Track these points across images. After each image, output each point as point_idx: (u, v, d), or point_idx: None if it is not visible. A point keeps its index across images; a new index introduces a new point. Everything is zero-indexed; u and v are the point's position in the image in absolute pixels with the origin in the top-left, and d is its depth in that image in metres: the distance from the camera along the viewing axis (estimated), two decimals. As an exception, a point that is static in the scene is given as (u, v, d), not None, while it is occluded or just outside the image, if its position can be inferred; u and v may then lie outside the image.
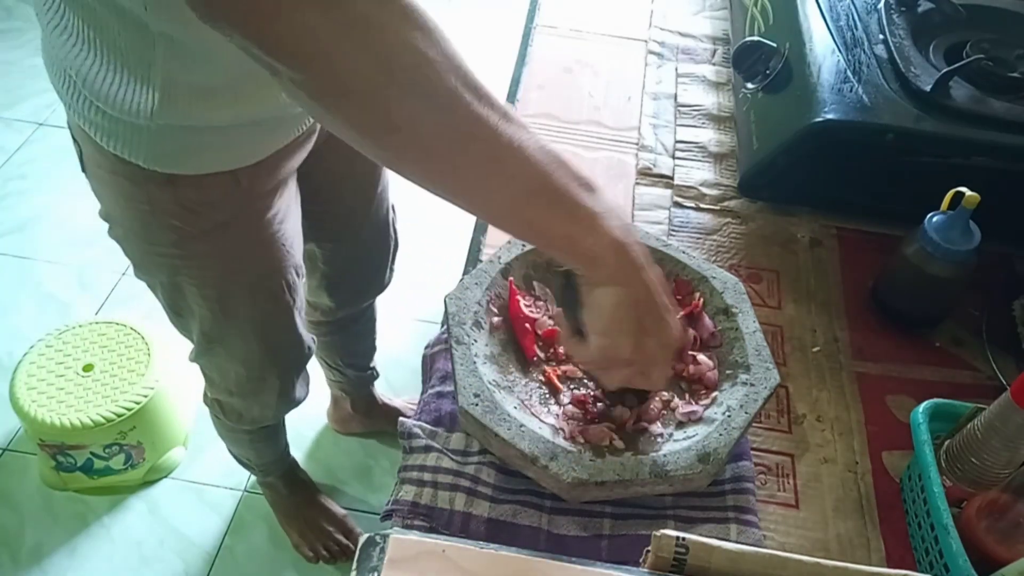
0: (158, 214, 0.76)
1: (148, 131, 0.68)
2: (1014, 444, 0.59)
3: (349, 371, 1.43)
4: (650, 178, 0.95)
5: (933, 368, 0.78)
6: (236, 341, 0.94)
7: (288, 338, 0.98)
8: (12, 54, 2.43)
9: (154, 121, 0.67)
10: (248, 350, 0.95)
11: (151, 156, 0.71)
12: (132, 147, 0.70)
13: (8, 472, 1.54)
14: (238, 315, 0.90)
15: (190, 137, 0.70)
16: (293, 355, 1.02)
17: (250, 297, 0.89)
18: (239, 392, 1.04)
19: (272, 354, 0.98)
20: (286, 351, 1.00)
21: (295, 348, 1.01)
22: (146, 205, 0.76)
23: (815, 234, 0.90)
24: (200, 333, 0.93)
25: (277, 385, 1.03)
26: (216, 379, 1.04)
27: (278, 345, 0.98)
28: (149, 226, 0.78)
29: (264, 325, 0.93)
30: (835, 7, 0.94)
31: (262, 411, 1.09)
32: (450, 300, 0.69)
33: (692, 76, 1.10)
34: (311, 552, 1.43)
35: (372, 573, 0.44)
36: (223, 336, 0.93)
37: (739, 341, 0.68)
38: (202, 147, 0.72)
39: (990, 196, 0.71)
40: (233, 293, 0.87)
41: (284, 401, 1.07)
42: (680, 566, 0.46)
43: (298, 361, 1.05)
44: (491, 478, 0.65)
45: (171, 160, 0.72)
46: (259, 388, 1.03)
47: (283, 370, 1.02)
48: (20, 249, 1.91)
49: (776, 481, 0.69)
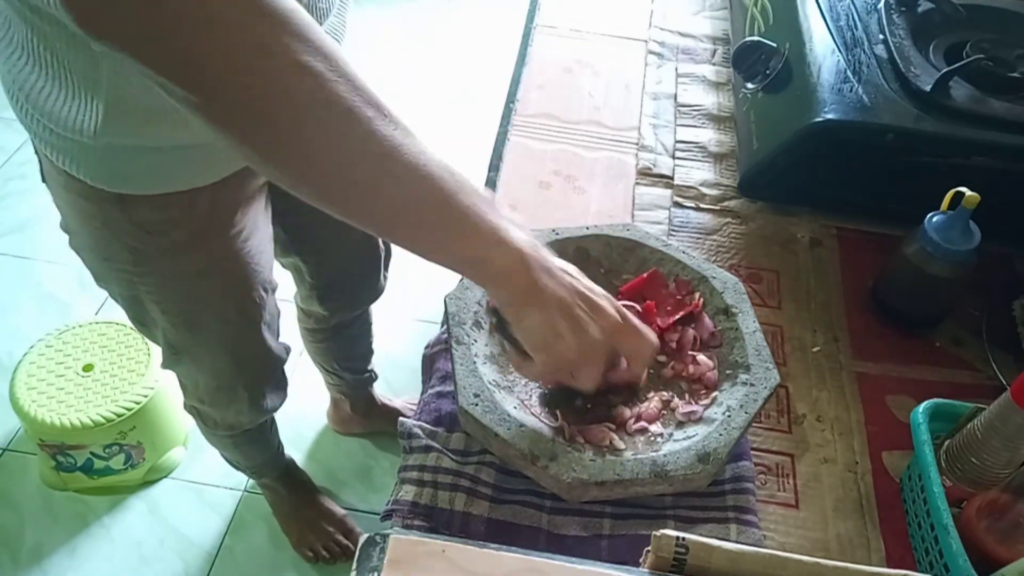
0: (113, 232, 0.75)
1: (93, 150, 0.66)
2: (1014, 444, 0.59)
3: (347, 375, 1.43)
4: (650, 178, 0.95)
5: (933, 368, 0.78)
6: (202, 353, 0.93)
7: (256, 351, 0.97)
8: (12, 54, 2.43)
9: (98, 140, 0.64)
10: (215, 363, 0.95)
11: (97, 175, 0.69)
12: (78, 165, 0.68)
13: (8, 472, 1.54)
14: (203, 330, 0.89)
15: (137, 157, 0.68)
16: (262, 367, 1.01)
17: (214, 314, 0.87)
18: (210, 401, 1.04)
19: (240, 366, 0.97)
20: (254, 363, 0.99)
21: (264, 360, 1.00)
22: (99, 222, 0.74)
23: (815, 234, 0.90)
24: (166, 344, 0.92)
25: (247, 396, 1.02)
26: (189, 387, 1.04)
27: (245, 358, 0.97)
28: (105, 243, 0.77)
29: (230, 340, 0.92)
30: (835, 7, 0.94)
31: (236, 418, 1.08)
32: (450, 300, 0.69)
33: (692, 76, 1.10)
34: (311, 552, 1.43)
35: (372, 573, 0.44)
36: (188, 348, 0.92)
37: (739, 341, 0.68)
38: (152, 167, 0.70)
39: (990, 196, 0.71)
40: (196, 311, 0.86)
41: (256, 409, 1.06)
42: (680, 566, 0.46)
43: (269, 372, 1.04)
44: (491, 478, 0.65)
45: (118, 179, 0.70)
46: (230, 398, 1.02)
47: (252, 381, 1.01)
48: (20, 249, 1.91)
49: (776, 481, 0.69)
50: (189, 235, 0.77)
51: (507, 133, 1.00)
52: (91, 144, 0.65)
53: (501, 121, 1.02)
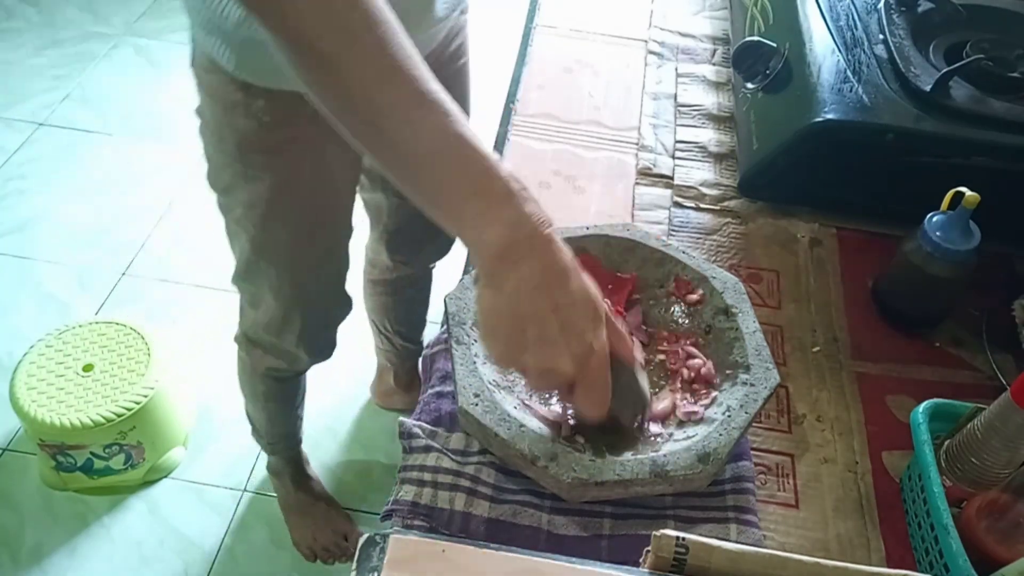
0: (231, 116, 0.83)
1: (233, 38, 0.76)
2: (1014, 444, 0.59)
3: (396, 339, 1.48)
4: (650, 178, 0.95)
5: (933, 368, 0.78)
6: (270, 269, 0.98)
7: (319, 283, 1.02)
8: (12, 54, 2.43)
9: (239, 30, 0.74)
10: (280, 281, 0.99)
11: (233, 61, 0.78)
12: (219, 50, 0.78)
13: (8, 472, 1.54)
14: (276, 242, 0.94)
15: (266, 52, 0.72)
16: (322, 303, 1.06)
17: (290, 227, 0.93)
18: (266, 326, 1.07)
19: (300, 293, 1.01)
20: (315, 295, 1.04)
21: (325, 296, 1.05)
22: (222, 106, 0.83)
23: (815, 234, 0.90)
24: (243, 250, 0.98)
25: (298, 327, 1.05)
26: (248, 308, 1.08)
27: (307, 286, 1.01)
28: (221, 126, 0.85)
29: (298, 261, 0.97)
30: (835, 7, 0.94)
31: (286, 350, 1.10)
32: (450, 300, 0.69)
33: (692, 76, 1.10)
34: (308, 551, 1.44)
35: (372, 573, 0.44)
36: (259, 261, 0.97)
37: (739, 341, 0.68)
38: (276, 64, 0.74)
39: (990, 196, 0.71)
40: (276, 216, 0.91)
41: (304, 348, 1.09)
42: (680, 566, 0.46)
43: (326, 311, 1.08)
44: (491, 478, 0.65)
45: (247, 69, 0.78)
46: (283, 325, 1.05)
47: (308, 314, 1.05)
48: (20, 249, 1.91)
49: (776, 481, 0.69)
50: (289, 136, 0.84)
51: (507, 133, 1.00)
52: (233, 32, 0.75)
53: (501, 121, 1.02)
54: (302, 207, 0.92)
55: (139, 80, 2.38)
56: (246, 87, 0.80)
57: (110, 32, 2.53)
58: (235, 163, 0.87)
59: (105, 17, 2.59)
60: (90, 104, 2.29)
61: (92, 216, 1.99)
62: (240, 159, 0.87)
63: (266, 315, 1.05)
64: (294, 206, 0.91)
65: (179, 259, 1.92)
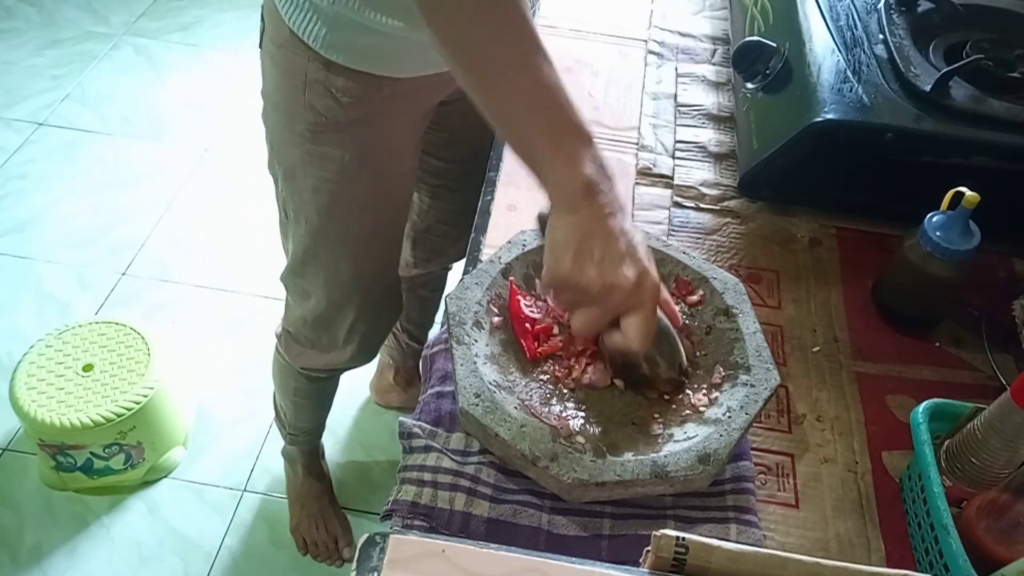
0: (307, 93, 0.84)
1: (325, 15, 0.78)
2: (1014, 444, 0.59)
3: (403, 336, 1.50)
4: (650, 178, 0.95)
5: (933, 368, 0.78)
6: (329, 257, 0.99)
7: (377, 271, 1.04)
8: (12, 54, 2.43)
9: (331, 7, 0.77)
10: (337, 270, 1.00)
11: (318, 37, 0.80)
12: (307, 25, 0.79)
13: (8, 472, 1.54)
14: (338, 228, 0.95)
15: (355, 31, 0.79)
16: (375, 294, 1.06)
17: (355, 210, 0.94)
18: (313, 320, 1.08)
19: (357, 281, 1.02)
20: (372, 284, 1.04)
21: (379, 287, 1.06)
22: (300, 81, 0.84)
23: (815, 234, 0.90)
24: (299, 242, 0.98)
25: (350, 319, 1.06)
26: (296, 304, 1.09)
27: (367, 274, 1.02)
28: (295, 104, 0.86)
29: (359, 247, 0.99)
30: (835, 7, 0.94)
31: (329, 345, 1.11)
32: (450, 300, 0.69)
33: (692, 76, 1.10)
34: (302, 541, 1.46)
35: (372, 573, 0.44)
36: (319, 249, 0.98)
37: (739, 342, 0.68)
38: (363, 43, 0.80)
39: (990, 196, 0.71)
40: (341, 199, 0.92)
41: (352, 343, 1.09)
42: (680, 566, 0.46)
43: (378, 304, 1.08)
44: (491, 478, 0.65)
45: (334, 47, 0.80)
46: (334, 318, 1.06)
47: (362, 303, 1.05)
48: (20, 249, 1.91)
49: (776, 481, 0.69)
50: (363, 115, 0.86)
51: (507, 133, 1.00)
52: (325, 9, 0.78)
53: (501, 121, 1.02)
54: (367, 191, 0.93)
55: (139, 80, 2.38)
56: (328, 65, 0.81)
57: (110, 32, 2.53)
58: (305, 143, 0.88)
59: (105, 17, 2.59)
60: (90, 104, 2.29)
61: (92, 216, 1.99)
62: (312, 139, 0.87)
63: (317, 308, 1.06)
64: (360, 190, 0.92)
65: (179, 259, 1.92)
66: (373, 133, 0.88)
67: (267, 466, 1.57)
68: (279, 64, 0.86)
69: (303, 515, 1.47)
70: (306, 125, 0.86)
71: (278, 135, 0.91)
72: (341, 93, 0.83)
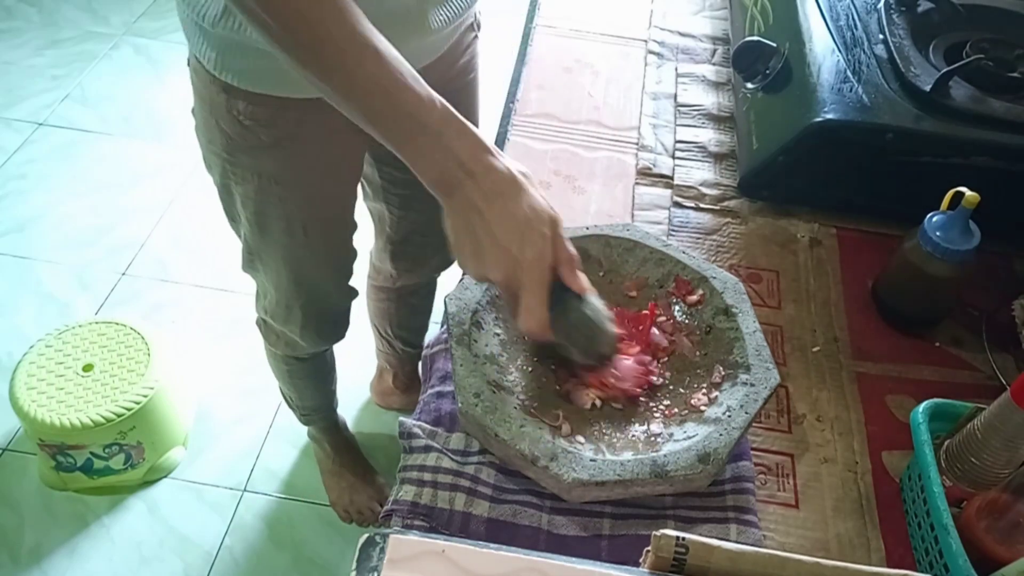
0: (215, 116, 0.83)
1: (212, 37, 0.76)
2: (1014, 444, 0.59)
3: (397, 343, 1.49)
4: (650, 178, 0.95)
5: (933, 368, 0.78)
6: (269, 262, 0.99)
7: (315, 276, 1.03)
8: (12, 54, 2.43)
9: (216, 29, 0.74)
10: (278, 275, 1.00)
11: (212, 60, 0.78)
12: (201, 48, 0.78)
13: (8, 472, 1.54)
14: (270, 237, 0.95)
15: (244, 53, 0.76)
16: (319, 295, 1.06)
17: (283, 224, 0.93)
18: (272, 314, 1.09)
19: (298, 285, 1.02)
20: (313, 290, 1.04)
21: (322, 289, 1.06)
22: (208, 106, 0.84)
23: (815, 234, 0.90)
24: (244, 244, 1.00)
25: (300, 317, 1.07)
26: (260, 294, 1.10)
27: (305, 280, 1.02)
28: (208, 125, 0.86)
29: (294, 257, 0.98)
30: (835, 7, 0.94)
31: (293, 337, 1.12)
32: (450, 300, 0.69)
33: (692, 76, 1.10)
34: (344, 512, 1.50)
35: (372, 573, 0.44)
36: (260, 252, 0.99)
37: (739, 341, 0.68)
38: (255, 65, 0.77)
39: (990, 196, 0.71)
40: (268, 214, 0.92)
41: (309, 334, 1.10)
42: (680, 566, 0.46)
43: (325, 303, 1.09)
44: (491, 478, 0.65)
45: (226, 69, 0.78)
46: (286, 316, 1.07)
47: (307, 305, 1.06)
48: (20, 249, 1.91)
49: (776, 481, 0.69)
50: (272, 139, 0.84)
51: (507, 133, 1.00)
52: (211, 31, 0.75)
53: (501, 121, 1.02)
54: (294, 206, 0.92)
55: (139, 80, 2.38)
56: (227, 88, 0.80)
57: (110, 32, 2.53)
58: (223, 162, 0.88)
59: (105, 17, 2.59)
60: (90, 104, 2.29)
61: (92, 216, 1.99)
62: (228, 160, 0.87)
63: (271, 304, 1.07)
64: (286, 205, 0.91)
65: (179, 259, 1.92)
66: (290, 155, 0.86)
67: (267, 466, 1.57)
68: (194, 85, 0.85)
69: (340, 487, 1.50)
70: (221, 146, 0.86)
71: (204, 150, 0.91)
72: (244, 116, 0.81)
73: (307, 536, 1.49)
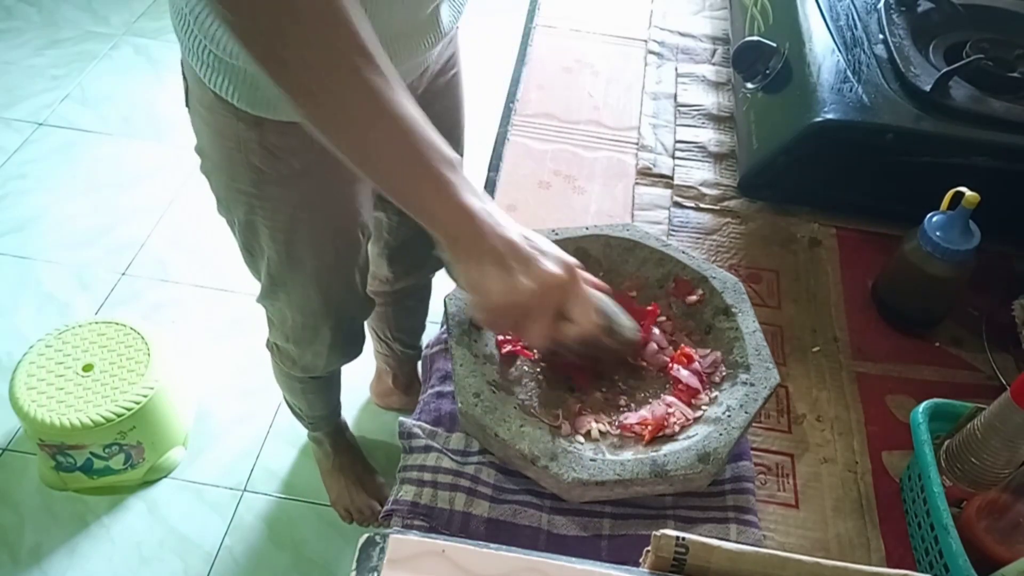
0: (243, 152, 0.82)
1: (244, 73, 0.75)
2: (1014, 444, 0.59)
3: (396, 345, 1.50)
4: (650, 178, 0.95)
5: (933, 368, 0.78)
6: (297, 288, 0.99)
7: (346, 293, 1.03)
8: (12, 54, 2.43)
9: (246, 63, 0.72)
10: (307, 298, 1.00)
11: (243, 97, 0.77)
12: (229, 86, 0.76)
13: (8, 472, 1.54)
14: (302, 262, 0.95)
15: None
16: (349, 310, 1.07)
17: (315, 246, 0.93)
18: (294, 339, 1.09)
19: (328, 306, 1.02)
20: (343, 305, 1.05)
21: (352, 304, 1.06)
22: (232, 143, 0.81)
23: (815, 234, 0.90)
24: (267, 275, 0.98)
25: (329, 337, 1.07)
26: (276, 323, 1.09)
27: (336, 298, 1.02)
28: (233, 163, 0.84)
29: (325, 276, 0.98)
30: (835, 7, 0.94)
31: (314, 360, 1.13)
32: (450, 300, 0.69)
33: (692, 76, 1.10)
34: (345, 512, 1.50)
35: (372, 573, 0.44)
36: (286, 281, 0.98)
37: (739, 341, 0.68)
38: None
39: (990, 196, 0.71)
40: (300, 239, 0.92)
41: (335, 354, 1.12)
42: (680, 566, 0.46)
43: (353, 317, 1.10)
44: (491, 478, 0.65)
45: (260, 104, 0.77)
46: (312, 337, 1.07)
47: (337, 322, 1.06)
48: (20, 249, 1.91)
49: (776, 481, 0.69)
50: (304, 164, 0.83)
51: (507, 133, 1.00)
52: (244, 68, 0.74)
53: (501, 121, 1.02)
54: (324, 229, 0.92)
55: (138, 80, 2.38)
56: (259, 122, 0.79)
57: (110, 32, 2.53)
58: (252, 199, 0.87)
59: (105, 17, 2.59)
60: (90, 104, 2.29)
61: (92, 216, 1.99)
62: (257, 193, 0.86)
63: (295, 329, 1.07)
64: (316, 230, 0.92)
65: (179, 259, 1.92)
66: (318, 179, 0.86)
67: (267, 466, 1.57)
68: (211, 125, 0.83)
69: (340, 487, 1.50)
70: (248, 182, 0.85)
71: (223, 190, 0.90)
72: (277, 149, 0.81)
73: (307, 536, 1.49)
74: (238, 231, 0.94)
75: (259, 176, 0.84)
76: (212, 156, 0.87)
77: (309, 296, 0.99)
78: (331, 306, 1.02)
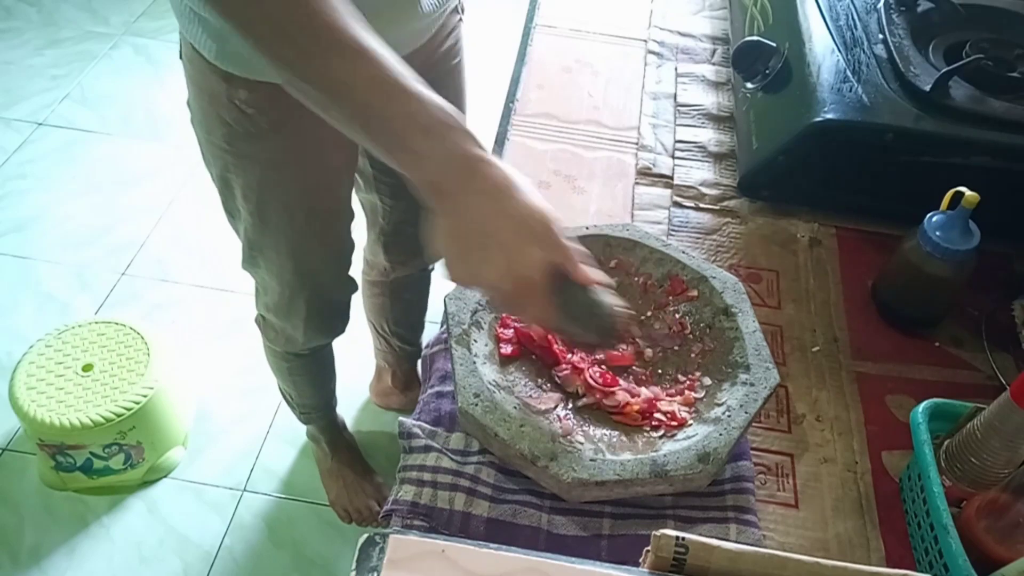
0: (215, 106, 0.83)
1: (212, 27, 0.75)
2: (1014, 444, 0.59)
3: (394, 340, 1.49)
4: (650, 178, 0.95)
5: (933, 368, 0.78)
6: (271, 254, 0.99)
7: (321, 265, 1.03)
8: (12, 54, 2.43)
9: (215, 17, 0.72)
10: (281, 266, 1.00)
11: (212, 50, 0.78)
12: (202, 40, 0.78)
13: (8, 472, 1.54)
14: (274, 228, 0.95)
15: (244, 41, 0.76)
16: (326, 286, 1.07)
17: (285, 213, 0.93)
18: (274, 309, 1.10)
19: (302, 277, 1.02)
20: (317, 279, 1.04)
21: (328, 279, 1.06)
22: (207, 96, 0.83)
23: (815, 234, 0.90)
24: (245, 238, 0.99)
25: (303, 310, 1.07)
26: (260, 291, 1.10)
27: (309, 268, 1.02)
28: (208, 117, 0.85)
29: (297, 246, 0.98)
30: (835, 7, 0.94)
31: (293, 333, 1.13)
32: (450, 300, 0.69)
33: (692, 76, 1.10)
34: (343, 512, 1.50)
35: (372, 573, 0.44)
36: (261, 246, 0.98)
37: (739, 341, 0.68)
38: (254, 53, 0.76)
39: (990, 196, 0.71)
40: (270, 203, 0.92)
41: (311, 328, 1.11)
42: (680, 566, 0.46)
43: (329, 293, 1.09)
44: (491, 478, 0.65)
45: (228, 58, 0.78)
46: (289, 309, 1.08)
47: (311, 295, 1.06)
48: (20, 249, 1.91)
49: (776, 481, 0.69)
50: (271, 123, 0.84)
51: (507, 133, 1.00)
52: (210, 20, 0.75)
53: (501, 121, 1.02)
54: (296, 193, 0.92)
55: (138, 80, 2.38)
56: (228, 77, 0.80)
57: (109, 32, 2.53)
58: (225, 154, 0.88)
59: (104, 17, 2.59)
60: (89, 104, 2.29)
61: (91, 216, 1.99)
62: (230, 150, 0.87)
63: (272, 299, 1.07)
64: (287, 192, 0.92)
65: (178, 259, 1.91)
66: (288, 138, 0.86)
67: (267, 466, 1.57)
68: (192, 78, 0.85)
69: (338, 487, 1.50)
70: (221, 136, 0.86)
71: (203, 144, 0.91)
72: (245, 104, 0.82)
73: (307, 536, 1.49)
74: (217, 188, 0.95)
75: (230, 131, 0.85)
76: (194, 109, 0.88)
77: (283, 264, 1.00)
78: (304, 278, 1.02)
